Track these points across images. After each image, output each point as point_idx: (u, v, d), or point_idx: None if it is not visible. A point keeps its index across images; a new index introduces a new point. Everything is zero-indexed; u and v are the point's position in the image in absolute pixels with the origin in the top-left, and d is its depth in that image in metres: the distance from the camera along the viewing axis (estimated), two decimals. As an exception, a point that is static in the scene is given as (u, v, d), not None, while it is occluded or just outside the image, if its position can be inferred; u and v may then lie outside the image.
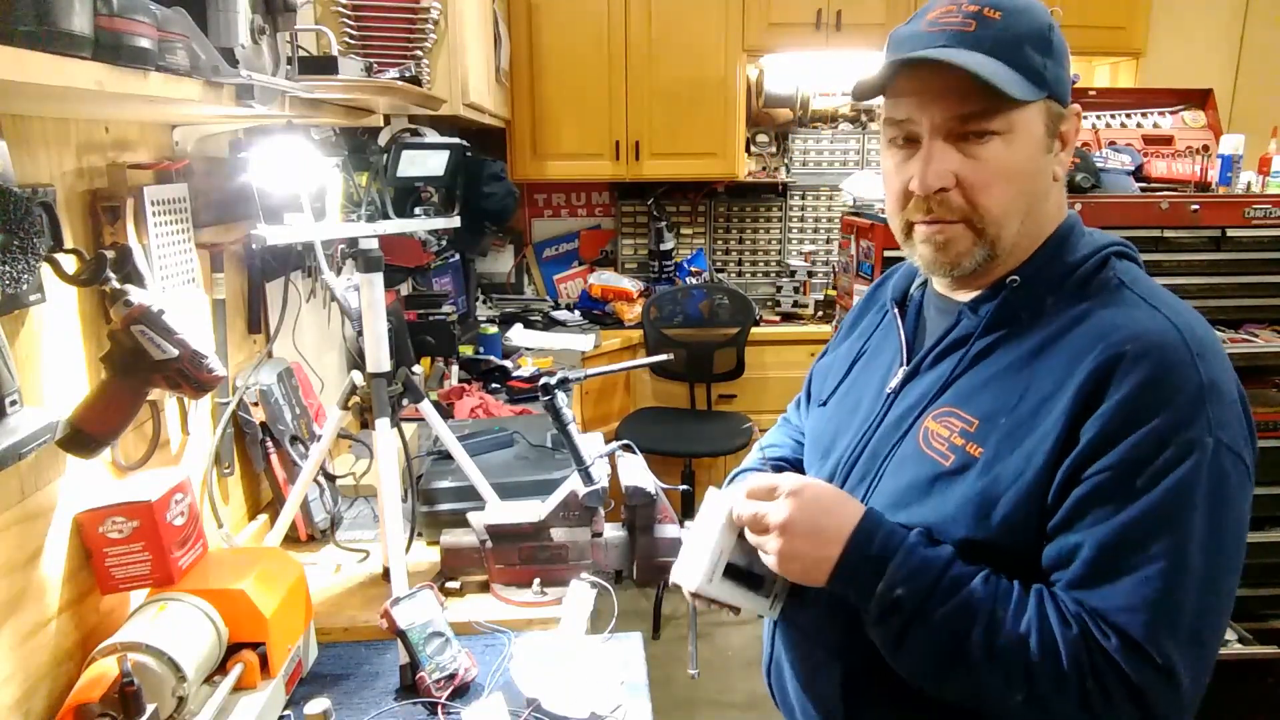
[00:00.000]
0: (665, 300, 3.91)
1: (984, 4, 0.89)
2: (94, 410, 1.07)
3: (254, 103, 1.06)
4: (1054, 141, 0.93)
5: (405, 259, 2.46)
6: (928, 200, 0.92)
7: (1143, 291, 0.91)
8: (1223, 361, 0.86)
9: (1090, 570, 0.82)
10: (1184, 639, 0.80)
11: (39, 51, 0.70)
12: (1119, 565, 0.81)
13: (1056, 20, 0.93)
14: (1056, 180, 0.95)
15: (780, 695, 1.14)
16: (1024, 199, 0.92)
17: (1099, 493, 0.82)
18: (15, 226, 0.86)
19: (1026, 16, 0.90)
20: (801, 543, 0.90)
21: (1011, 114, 0.88)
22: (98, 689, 0.99)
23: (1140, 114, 2.87)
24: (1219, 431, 0.82)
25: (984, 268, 0.95)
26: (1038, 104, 0.89)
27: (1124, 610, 0.80)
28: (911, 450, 0.96)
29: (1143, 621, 0.79)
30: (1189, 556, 0.80)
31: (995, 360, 0.94)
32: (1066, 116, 0.93)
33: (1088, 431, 0.83)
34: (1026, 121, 0.89)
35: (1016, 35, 0.88)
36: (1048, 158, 0.93)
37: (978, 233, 0.92)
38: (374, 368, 1.52)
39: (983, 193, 0.90)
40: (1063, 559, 0.85)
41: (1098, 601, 0.82)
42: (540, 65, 3.72)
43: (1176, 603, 0.80)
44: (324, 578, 1.62)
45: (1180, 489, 0.80)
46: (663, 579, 1.52)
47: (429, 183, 1.69)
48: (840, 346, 1.21)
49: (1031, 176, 0.92)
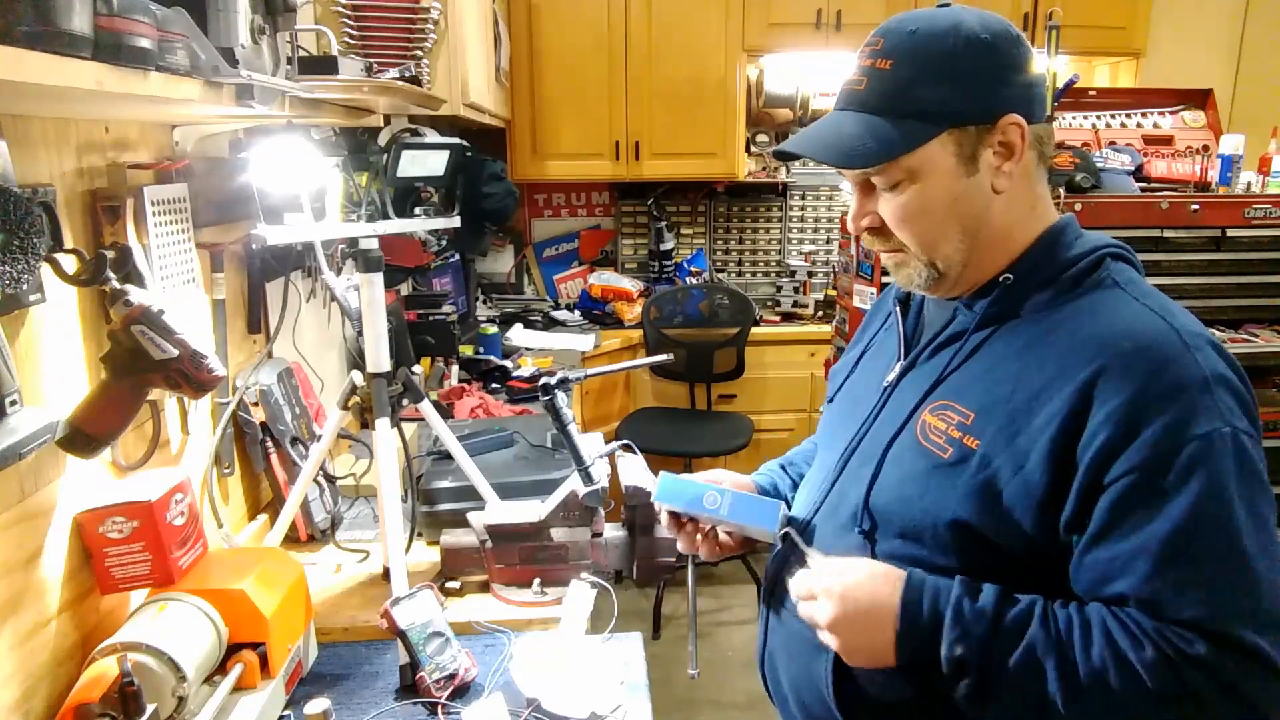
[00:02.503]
0: (665, 300, 3.91)
1: (880, 53, 0.94)
2: (94, 410, 1.07)
3: (254, 103, 1.06)
4: (981, 160, 0.93)
5: (405, 259, 2.46)
6: (868, 236, 1.01)
7: (1136, 292, 0.92)
8: (1221, 353, 0.88)
9: (1157, 585, 0.82)
10: (1265, 624, 0.81)
11: (39, 51, 0.70)
12: (1184, 573, 0.82)
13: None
14: (1000, 192, 0.95)
15: (774, 686, 1.15)
16: (950, 223, 0.95)
17: (1129, 498, 0.83)
18: (15, 226, 0.86)
19: (921, 53, 0.92)
20: (856, 639, 0.92)
21: (905, 162, 0.93)
22: (98, 689, 0.99)
23: (1140, 114, 2.87)
24: (1232, 418, 0.83)
25: (947, 278, 0.98)
26: (940, 138, 0.92)
27: (1206, 616, 0.81)
28: (910, 443, 0.98)
29: (1226, 621, 0.80)
30: (1244, 546, 0.81)
31: (990, 354, 0.96)
32: (998, 129, 0.93)
33: (1099, 434, 0.83)
34: (928, 159, 0.93)
35: (905, 81, 0.92)
36: (974, 179, 0.94)
37: (915, 257, 0.98)
38: (374, 368, 1.52)
39: (901, 230, 0.97)
40: (1115, 572, 0.84)
41: (1177, 613, 0.82)
42: (540, 65, 3.72)
43: (1249, 594, 0.81)
44: (324, 578, 1.62)
45: (1215, 484, 0.81)
46: (663, 579, 1.52)
47: (429, 183, 1.69)
48: (851, 349, 1.24)
49: (952, 204, 0.95)
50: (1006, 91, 0.93)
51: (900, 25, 0.94)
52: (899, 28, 0.94)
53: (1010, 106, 0.92)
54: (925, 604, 0.89)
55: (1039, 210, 0.99)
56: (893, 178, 0.94)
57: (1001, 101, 0.92)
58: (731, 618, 3.41)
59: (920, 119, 0.92)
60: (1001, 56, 0.92)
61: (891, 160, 0.92)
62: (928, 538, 0.94)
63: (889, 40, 0.94)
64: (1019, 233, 0.97)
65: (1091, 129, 2.81)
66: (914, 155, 0.92)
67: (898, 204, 0.95)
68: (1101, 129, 2.82)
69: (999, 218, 0.96)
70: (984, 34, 0.92)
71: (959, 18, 0.93)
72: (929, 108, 0.92)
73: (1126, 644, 0.83)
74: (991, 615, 0.87)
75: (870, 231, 1.00)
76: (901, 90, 0.92)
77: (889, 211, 0.97)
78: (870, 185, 0.98)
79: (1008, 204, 0.96)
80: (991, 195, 0.95)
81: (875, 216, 0.98)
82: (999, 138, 0.93)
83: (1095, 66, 4.15)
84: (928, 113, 0.92)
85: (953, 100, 0.91)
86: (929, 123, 0.92)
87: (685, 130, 3.80)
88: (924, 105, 0.92)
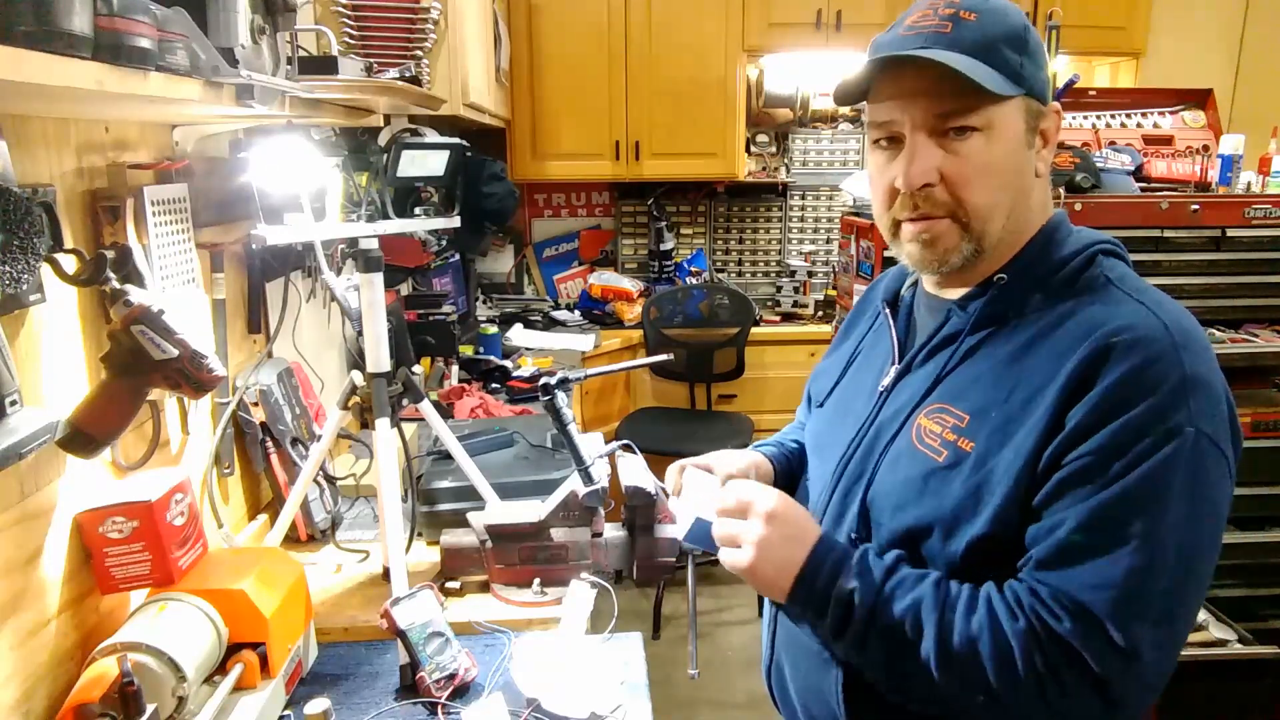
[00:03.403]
0: (665, 300, 3.91)
1: (960, 6, 0.92)
2: (94, 410, 1.07)
3: (254, 103, 1.06)
4: (1034, 138, 0.95)
5: (405, 259, 2.46)
6: (913, 197, 0.94)
7: (1129, 288, 0.93)
8: (1208, 356, 0.87)
9: (1060, 550, 0.83)
10: (1152, 620, 0.81)
11: (39, 51, 0.70)
12: (1090, 545, 0.82)
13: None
14: (1039, 176, 0.97)
15: (781, 697, 1.14)
16: (1007, 193, 0.93)
17: (1076, 477, 0.84)
18: (15, 226, 0.86)
19: (1002, 17, 0.92)
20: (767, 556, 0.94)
21: (990, 110, 0.90)
22: (98, 689, 0.99)
23: (1140, 114, 2.87)
24: (1200, 422, 0.83)
25: (971, 265, 0.96)
26: (1016, 101, 0.91)
27: (1089, 588, 0.81)
28: (905, 447, 0.97)
29: (1108, 599, 0.80)
30: (1162, 539, 0.81)
31: (985, 356, 0.95)
32: (1046, 114, 0.95)
33: (1071, 419, 0.84)
34: (1006, 117, 0.91)
35: (992, 35, 0.90)
36: (1029, 154, 0.95)
37: (964, 227, 0.94)
38: (374, 368, 1.52)
39: (966, 187, 0.92)
40: (1037, 539, 0.86)
41: (1061, 581, 0.83)
42: (540, 65, 3.72)
43: (1146, 584, 0.81)
44: (324, 578, 1.62)
45: (1157, 473, 0.81)
46: (663, 579, 1.52)
47: (429, 183, 1.69)
48: (836, 350, 1.23)
49: (1013, 172, 0.93)
50: (1048, 80, 0.95)
51: None
52: None
53: (1052, 95, 0.95)
54: (839, 545, 0.95)
55: (1048, 205, 1.00)
56: (974, 122, 0.90)
57: (1047, 88, 0.95)
58: (731, 618, 3.41)
59: (1008, 76, 0.90)
60: (1042, 47, 0.95)
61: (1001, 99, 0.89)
62: (925, 542, 0.94)
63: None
64: (1027, 225, 0.98)
65: (1091, 129, 2.81)
66: (1000, 108, 0.90)
67: (973, 153, 0.90)
68: (1101, 129, 2.82)
69: (1026, 203, 0.96)
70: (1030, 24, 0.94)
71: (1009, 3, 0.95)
72: (1014, 66, 0.90)
73: (1003, 614, 0.84)
74: (889, 566, 0.91)
75: (922, 191, 0.92)
76: (991, 43, 0.90)
77: (960, 162, 0.91)
78: (937, 133, 0.91)
79: (1040, 192, 0.97)
80: (1034, 178, 0.96)
81: (936, 173, 0.91)
82: (1045, 123, 0.95)
83: (1095, 66, 4.15)
84: (1014, 71, 0.90)
85: (1028, 69, 0.92)
86: (1015, 82, 0.90)
87: (685, 130, 3.80)
88: (1011, 64, 0.90)
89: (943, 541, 0.92)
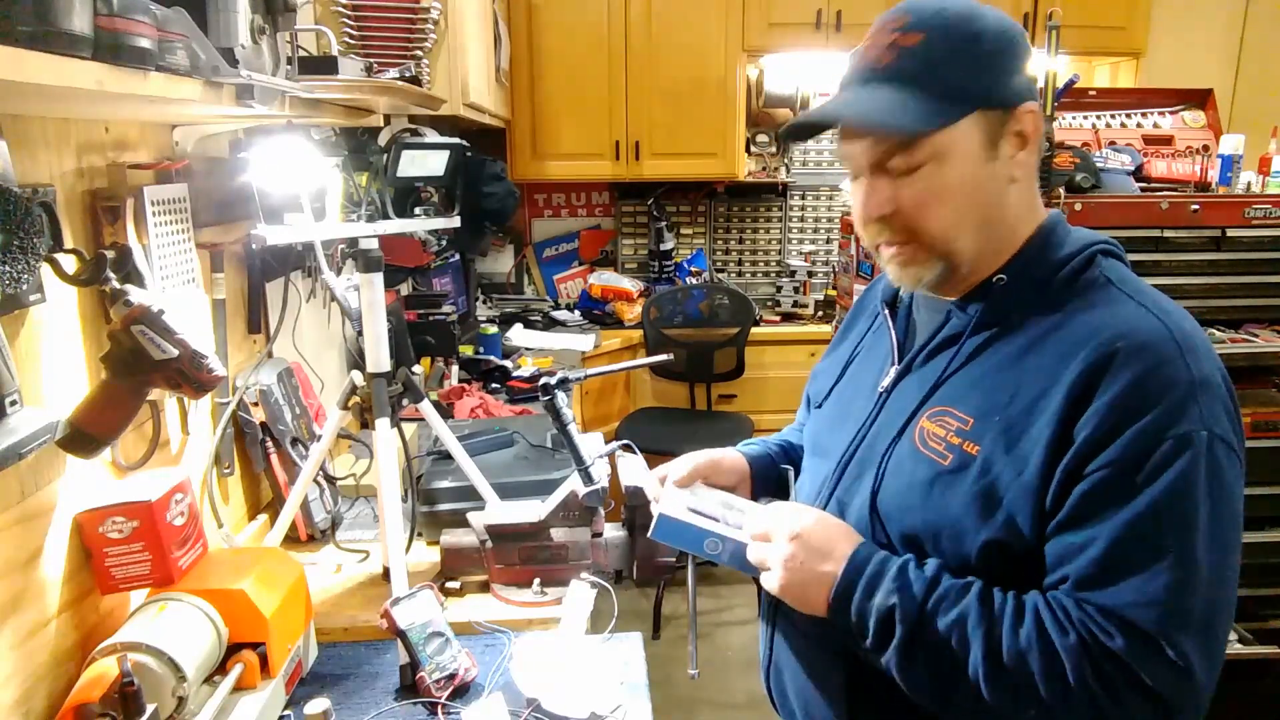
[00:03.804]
0: (665, 300, 3.91)
1: (907, 27, 0.91)
2: (94, 410, 1.07)
3: (254, 103, 1.06)
4: (1001, 147, 0.93)
5: (405, 259, 2.45)
6: (877, 225, 0.96)
7: (1130, 289, 0.92)
8: (1211, 356, 0.88)
9: (1099, 568, 0.83)
10: (1195, 631, 0.81)
11: (39, 51, 0.70)
12: (1128, 562, 0.82)
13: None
14: (1016, 182, 0.95)
15: (780, 699, 1.13)
16: (971, 212, 0.93)
17: (1100, 490, 0.83)
18: (15, 226, 0.86)
19: (952, 31, 0.91)
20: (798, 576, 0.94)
21: (933, 139, 0.90)
22: (98, 689, 0.99)
23: (1140, 114, 2.87)
24: (1212, 425, 0.83)
25: (958, 275, 0.97)
26: (967, 119, 0.90)
27: (1135, 605, 0.81)
28: (909, 450, 0.97)
29: (1155, 616, 0.80)
30: (1196, 550, 0.81)
31: (986, 358, 0.95)
32: (1016, 117, 0.92)
33: (1084, 429, 0.84)
34: (955, 140, 0.90)
35: (935, 57, 0.90)
36: (993, 165, 0.93)
37: (929, 249, 0.95)
38: (374, 368, 1.52)
39: (919, 216, 0.93)
40: (1068, 556, 0.85)
41: (1107, 599, 0.82)
42: (540, 65, 3.72)
43: (1187, 596, 0.81)
44: (324, 578, 1.62)
45: (1179, 484, 0.81)
46: (663, 579, 1.52)
47: (429, 183, 1.69)
48: (835, 350, 1.22)
49: (973, 189, 0.93)
50: (1022, 80, 0.93)
51: (925, 3, 0.92)
52: (925, 5, 0.92)
53: (1027, 94, 0.93)
54: (874, 557, 0.92)
55: (1036, 205, 0.99)
56: (916, 158, 0.90)
57: (1019, 89, 0.93)
58: (731, 618, 3.41)
59: (950, 98, 0.90)
60: (1017, 46, 0.93)
61: (930, 132, 0.89)
62: (930, 546, 0.93)
63: (916, 16, 0.91)
64: (1021, 228, 0.97)
65: (1091, 129, 2.81)
66: (943, 134, 0.90)
67: (920, 187, 0.91)
68: (1101, 129, 2.81)
69: (1009, 210, 0.95)
70: (1002, 22, 0.93)
71: (977, 5, 0.93)
72: (958, 87, 0.90)
73: (1053, 628, 0.83)
74: (930, 578, 0.89)
75: (881, 221, 0.95)
76: (933, 66, 0.90)
77: (910, 196, 0.92)
78: (885, 169, 0.93)
79: (1018, 196, 0.96)
80: (1007, 185, 0.94)
81: (891, 202, 0.93)
82: (1017, 126, 0.93)
83: (1095, 66, 4.14)
84: (958, 91, 0.90)
85: (981, 81, 0.90)
86: (959, 102, 0.90)
87: (685, 130, 3.80)
88: (955, 83, 0.90)
89: (950, 545, 0.91)
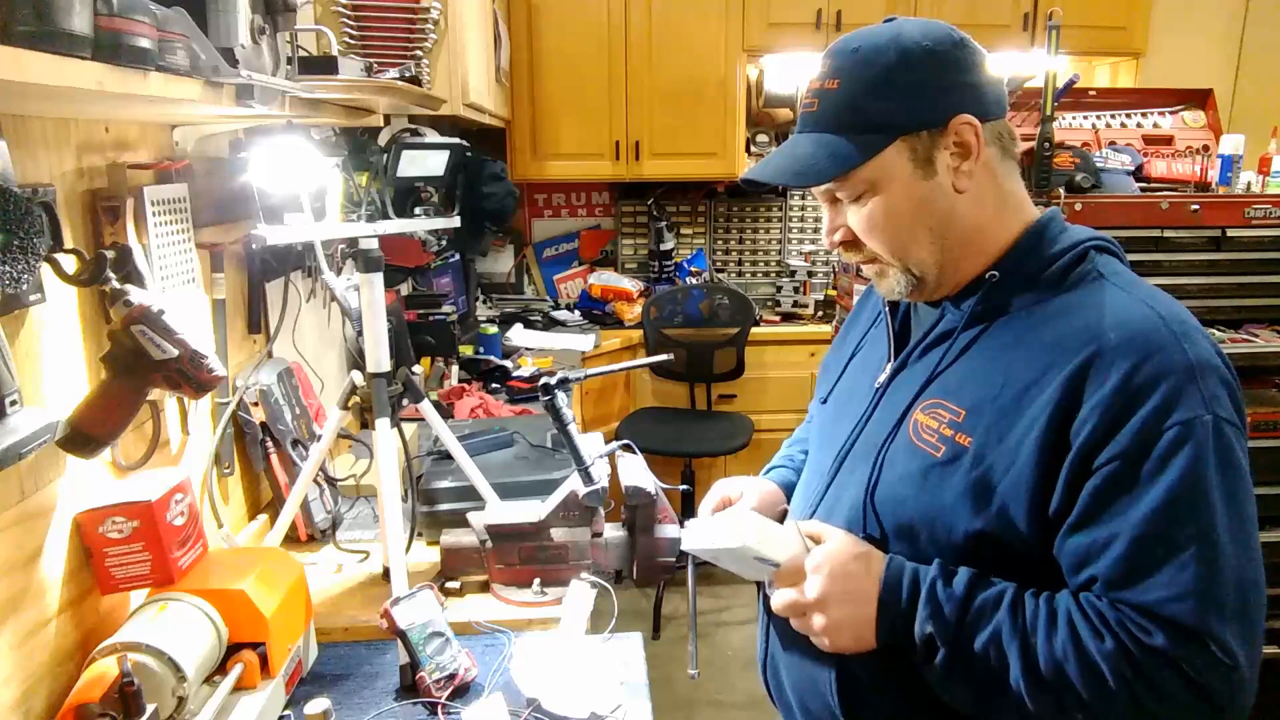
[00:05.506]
0: (665, 300, 3.91)
1: (828, 74, 0.97)
2: (94, 410, 1.07)
3: (254, 103, 1.06)
4: (937, 162, 0.95)
5: (405, 259, 2.46)
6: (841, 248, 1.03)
7: (1123, 283, 0.93)
8: (1207, 339, 0.88)
9: (1126, 566, 0.83)
10: (1232, 617, 0.81)
11: (39, 51, 0.70)
12: (1154, 557, 0.82)
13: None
14: (961, 191, 0.96)
15: (777, 692, 1.15)
16: (917, 227, 0.97)
17: (1111, 483, 0.84)
18: (15, 226, 0.86)
19: (865, 69, 0.94)
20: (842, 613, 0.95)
21: (862, 172, 0.95)
22: (98, 689, 0.99)
23: (1140, 114, 2.87)
24: (1215, 407, 0.83)
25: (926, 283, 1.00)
26: (892, 147, 0.94)
27: (1170, 601, 0.81)
28: (904, 443, 0.98)
29: (1191, 608, 0.80)
30: (1218, 535, 0.82)
31: (979, 352, 0.96)
32: (949, 131, 0.94)
33: (1085, 422, 0.84)
34: (884, 168, 0.95)
35: (852, 97, 0.95)
36: (932, 182, 0.96)
37: (890, 265, 1.00)
38: (374, 368, 1.52)
39: (868, 239, 0.99)
40: (1091, 557, 0.85)
41: (1141, 596, 0.83)
42: (540, 65, 3.72)
43: (1217, 583, 0.81)
44: (324, 578, 1.62)
45: (1191, 471, 0.82)
46: (663, 579, 1.52)
47: (429, 183, 1.69)
48: (839, 348, 1.25)
49: (914, 209, 0.96)
50: (954, 93, 0.95)
51: (845, 45, 0.97)
52: (843, 47, 0.97)
53: (959, 108, 0.94)
54: (905, 583, 0.93)
55: (1012, 205, 1.00)
56: (855, 190, 0.97)
57: (949, 104, 0.94)
58: (731, 618, 3.41)
59: (871, 131, 0.94)
60: (943, 60, 0.94)
61: (845, 174, 0.95)
62: (925, 538, 0.94)
63: (834, 60, 0.97)
64: (995, 229, 0.98)
65: (1091, 129, 2.81)
66: (869, 166, 0.95)
67: (864, 214, 0.98)
68: (1101, 129, 2.81)
69: (967, 217, 0.97)
70: (925, 41, 0.94)
71: (900, 30, 0.95)
72: (877, 120, 0.94)
73: (1088, 634, 0.84)
74: (961, 597, 0.89)
75: (844, 245, 1.02)
76: (849, 107, 0.95)
77: (857, 223, 0.99)
78: (837, 200, 1.00)
79: (974, 202, 0.97)
80: (954, 195, 0.96)
81: (846, 230, 1.00)
82: (952, 139, 0.95)
83: (1095, 66, 4.14)
84: (877, 125, 0.94)
85: (898, 110, 0.94)
86: (879, 134, 0.94)
87: (685, 130, 3.80)
88: (872, 118, 0.94)
89: (942, 536, 0.93)
